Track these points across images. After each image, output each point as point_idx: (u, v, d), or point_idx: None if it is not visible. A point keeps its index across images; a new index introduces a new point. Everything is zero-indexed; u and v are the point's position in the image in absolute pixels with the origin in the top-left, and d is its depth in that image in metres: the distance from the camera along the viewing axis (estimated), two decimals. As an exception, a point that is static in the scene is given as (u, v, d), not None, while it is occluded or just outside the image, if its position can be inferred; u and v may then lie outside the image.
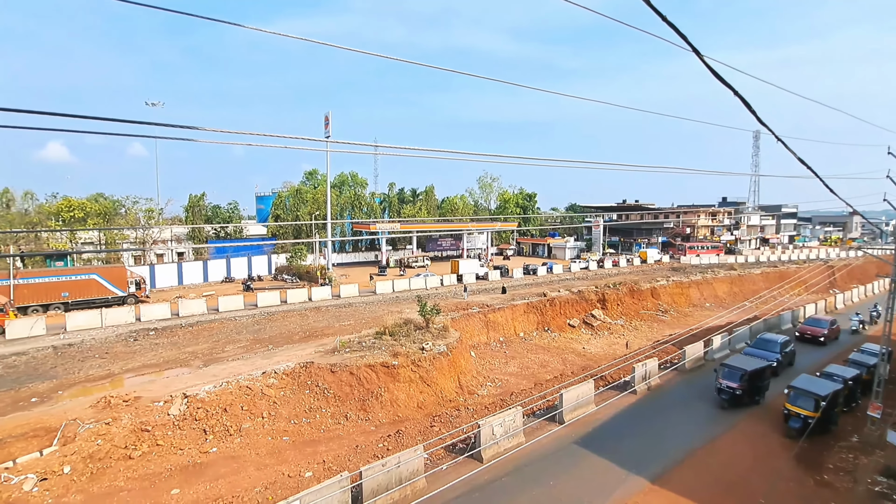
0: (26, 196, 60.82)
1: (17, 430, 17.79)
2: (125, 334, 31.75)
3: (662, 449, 17.61)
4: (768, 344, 27.17)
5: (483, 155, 16.39)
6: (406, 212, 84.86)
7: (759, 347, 27.06)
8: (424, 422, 20.88)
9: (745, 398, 21.05)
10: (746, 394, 20.99)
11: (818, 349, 31.72)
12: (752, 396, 21.42)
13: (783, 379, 24.11)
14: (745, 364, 21.74)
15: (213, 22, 7.01)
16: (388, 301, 43.69)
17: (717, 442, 18.33)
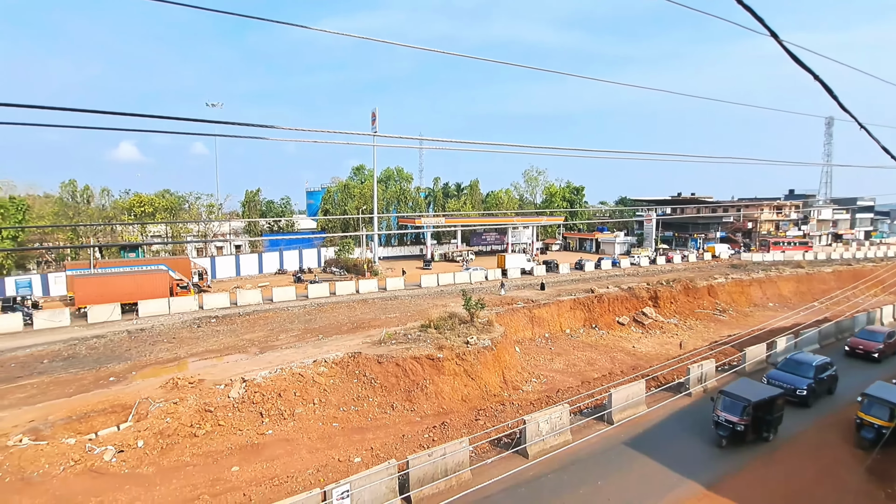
0: (103, 192, 66.20)
1: (99, 405, 19.56)
2: (189, 321, 33.98)
3: (718, 455, 16.76)
4: (800, 367, 22.01)
5: (528, 147, 16.11)
6: (450, 206, 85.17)
7: (787, 370, 22.08)
8: (469, 415, 20.99)
9: (749, 435, 17.18)
10: (750, 429, 17.13)
11: (871, 367, 25.96)
12: (759, 433, 17.62)
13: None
14: (749, 392, 17.66)
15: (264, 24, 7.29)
16: (432, 295, 44.12)
17: (776, 452, 17.20)
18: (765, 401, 17.35)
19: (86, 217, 59.22)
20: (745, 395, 17.36)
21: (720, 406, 17.62)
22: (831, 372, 22.45)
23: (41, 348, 28.00)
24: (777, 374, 22.08)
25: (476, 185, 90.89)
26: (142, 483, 15.60)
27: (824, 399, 21.61)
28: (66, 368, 25.78)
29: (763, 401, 17.31)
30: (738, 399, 17.26)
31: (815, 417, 19.97)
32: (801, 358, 22.74)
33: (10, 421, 18.25)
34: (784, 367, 22.47)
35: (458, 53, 9.00)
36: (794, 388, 20.69)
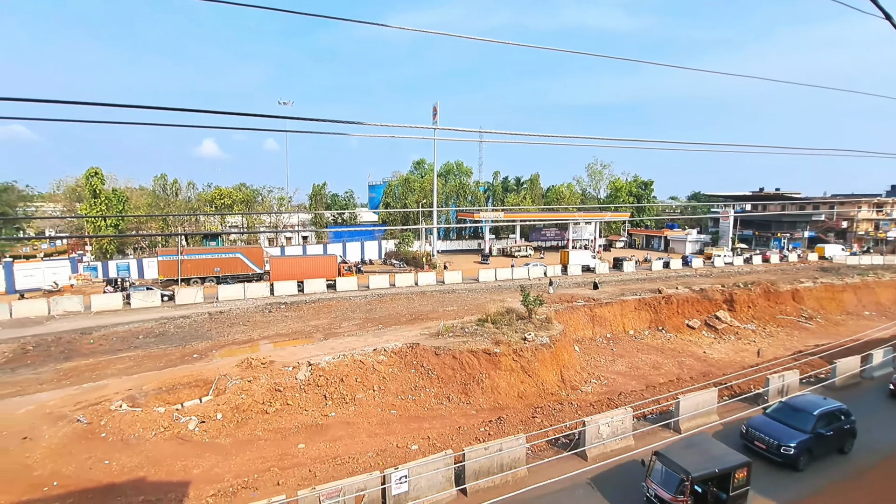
0: (189, 186, 72.32)
1: (184, 379, 21.51)
2: (262, 306, 36.36)
3: (796, 473, 15.34)
4: (796, 415, 16.32)
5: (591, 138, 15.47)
6: (510, 200, 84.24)
7: (778, 418, 16.55)
8: (525, 412, 20.77)
9: None
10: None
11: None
12: None
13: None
14: (697, 457, 12.79)
15: (332, 24, 7.53)
16: (489, 289, 43.97)
17: (866, 474, 15.41)
18: (716, 474, 12.35)
19: (174, 208, 65.08)
20: (688, 462, 12.48)
21: (652, 473, 13.05)
22: (845, 424, 16.43)
23: (136, 325, 31.23)
24: (762, 422, 16.58)
25: (536, 180, 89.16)
26: (220, 452, 16.99)
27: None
28: (157, 344, 28.60)
29: (712, 474, 12.30)
30: (676, 468, 12.35)
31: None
32: (800, 403, 17.07)
33: (112, 388, 20.56)
34: (775, 414, 16.90)
35: (520, 44, 8.83)
36: (777, 445, 15.42)
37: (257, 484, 15.01)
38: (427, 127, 9.30)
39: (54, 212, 68.78)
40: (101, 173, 55.46)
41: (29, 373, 24.08)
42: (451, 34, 8.27)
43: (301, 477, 15.41)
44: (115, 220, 54.50)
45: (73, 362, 25.72)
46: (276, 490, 14.34)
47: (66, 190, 67.71)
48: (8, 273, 42.36)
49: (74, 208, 63.33)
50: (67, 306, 34.45)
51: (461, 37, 8.45)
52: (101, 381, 22.05)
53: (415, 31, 8.29)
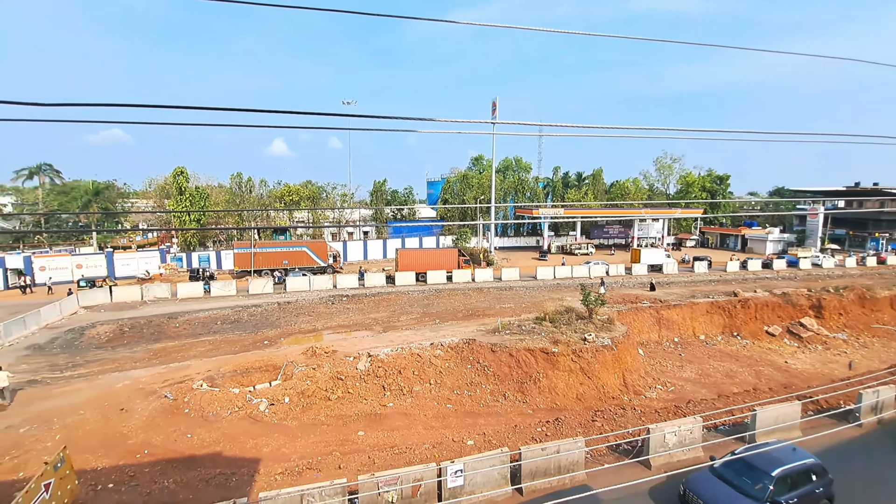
0: (261, 183, 77.24)
1: (256, 363, 23.01)
2: (325, 298, 38.06)
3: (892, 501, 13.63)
4: (751, 475, 12.49)
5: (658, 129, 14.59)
6: (570, 196, 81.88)
7: (729, 478, 12.64)
8: (585, 415, 20.14)
9: None
10: None
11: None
12: None
13: None
14: None
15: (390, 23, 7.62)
16: (548, 287, 43.05)
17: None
18: None
19: (248, 204, 69.73)
20: None
21: None
22: (817, 487, 12.57)
23: (215, 312, 33.84)
24: (704, 482, 12.77)
25: (599, 175, 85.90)
26: (286, 433, 18.02)
27: None
28: (232, 330, 30.85)
29: None
30: None
31: None
32: (757, 458, 12.94)
33: (194, 369, 22.44)
34: (724, 471, 12.97)
35: (585, 33, 8.48)
36: None
37: (320, 466, 15.75)
38: (486, 121, 9.23)
39: (146, 207, 76.13)
40: (185, 172, 60.58)
41: (126, 351, 26.91)
42: (511, 26, 8.12)
43: (361, 463, 15.97)
44: (197, 214, 59.34)
45: (161, 343, 28.42)
46: (338, 473, 14.96)
47: (156, 187, 74.66)
48: (109, 262, 47.57)
49: (163, 204, 69.70)
50: (157, 293, 38.05)
51: (522, 28, 8.28)
52: (185, 361, 24.16)
53: (476, 26, 8.23)
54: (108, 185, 72.60)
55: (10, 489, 13.11)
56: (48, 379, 22.01)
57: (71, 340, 28.08)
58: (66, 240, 66.75)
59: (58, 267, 45.17)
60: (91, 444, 16.01)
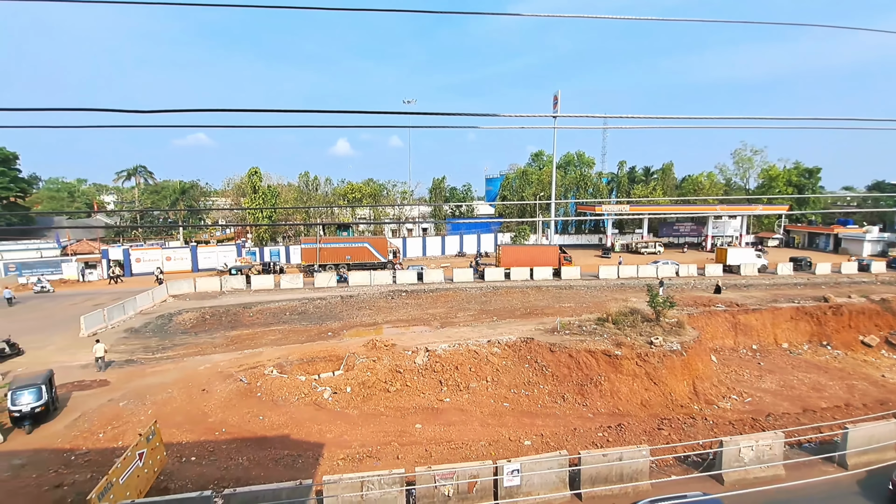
0: (326, 181, 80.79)
1: (321, 353, 24.14)
2: (385, 293, 39.11)
3: None
4: None
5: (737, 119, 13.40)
6: (637, 192, 77.91)
7: None
8: (650, 422, 19.18)
9: None
10: None
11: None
12: None
13: None
14: None
15: (452, 20, 7.57)
16: (611, 287, 41.37)
17: None
18: None
19: (314, 201, 73.24)
20: None
21: None
22: None
23: (284, 303, 35.90)
24: None
25: (669, 169, 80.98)
26: (348, 421, 18.76)
27: None
28: (299, 321, 32.58)
29: None
30: None
31: None
32: None
33: (266, 356, 23.96)
34: None
35: (651, 18, 7.97)
36: None
37: (379, 455, 16.24)
38: (546, 115, 8.97)
39: (225, 205, 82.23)
40: (259, 172, 64.71)
41: (207, 337, 29.30)
42: (575, 16, 7.82)
43: (418, 455, 16.27)
44: (268, 211, 63.21)
45: (237, 331, 30.63)
46: (396, 463, 15.36)
47: (233, 186, 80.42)
48: (194, 255, 52.03)
49: (239, 202, 74.95)
50: (234, 284, 41.02)
51: (586, 17, 7.95)
52: (258, 348, 25.88)
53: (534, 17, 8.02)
54: (192, 185, 79.46)
55: (111, 455, 14.75)
56: (142, 359, 24.49)
57: (161, 325, 31.02)
58: (157, 234, 73.81)
59: (150, 259, 50.07)
60: (177, 420, 17.61)
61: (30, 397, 16.60)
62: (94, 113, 6.98)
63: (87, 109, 6.98)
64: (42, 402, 16.78)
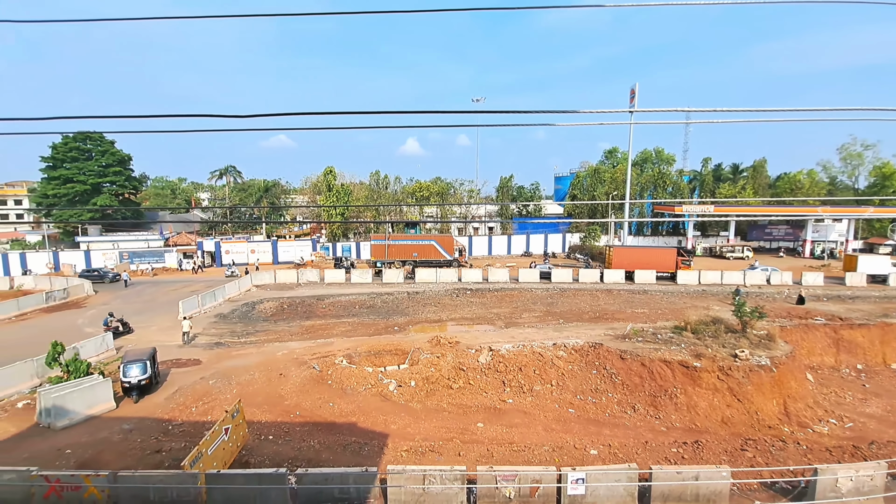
0: (396, 180, 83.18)
1: (387, 346, 24.92)
2: (450, 291, 39.50)
3: None
4: None
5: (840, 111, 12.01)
6: (723, 191, 71.92)
7: None
8: (731, 442, 17.70)
9: None
10: None
11: None
12: None
13: None
14: None
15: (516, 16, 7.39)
16: (690, 294, 38.63)
17: None
18: None
19: (384, 199, 75.70)
20: None
21: None
22: None
23: (354, 297, 37.50)
24: None
25: (761, 166, 73.87)
26: (412, 414, 19.20)
27: None
28: (367, 315, 33.85)
29: None
30: None
31: None
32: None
33: (336, 346, 25.20)
34: None
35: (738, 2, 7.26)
36: None
37: (441, 450, 16.45)
38: (621, 111, 8.53)
39: (302, 202, 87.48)
40: (334, 171, 68.10)
41: (284, 325, 31.37)
42: (653, 4, 7.35)
43: (479, 454, 16.27)
44: (341, 209, 66.36)
45: (311, 321, 32.49)
46: (458, 460, 15.47)
47: (310, 185, 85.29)
48: (274, 249, 55.96)
49: (315, 199, 79.34)
50: (309, 277, 43.56)
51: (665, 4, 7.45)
52: (329, 339, 27.28)
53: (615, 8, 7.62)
54: (274, 183, 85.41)
55: (201, 428, 16.28)
56: (229, 342, 26.77)
57: (245, 313, 33.71)
58: (244, 229, 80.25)
59: (238, 251, 54.59)
60: (257, 400, 19.04)
61: (137, 370, 18.78)
62: (195, 119, 7.70)
63: (189, 115, 7.72)
64: (147, 375, 18.93)
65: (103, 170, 63.40)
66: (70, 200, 61.31)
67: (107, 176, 63.69)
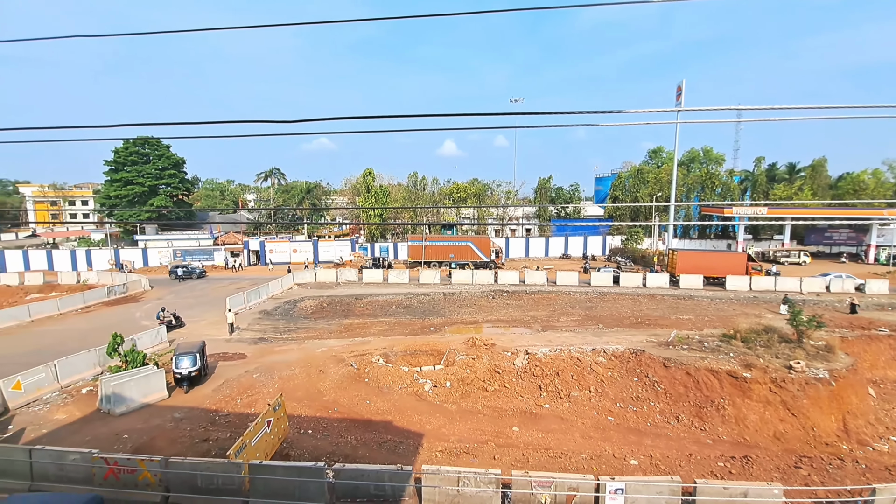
0: (433, 181, 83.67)
1: (423, 347, 25.10)
2: (486, 292, 39.31)
3: None
4: None
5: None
6: (777, 193, 67.92)
7: None
8: (784, 458, 16.67)
9: None
10: None
11: None
12: None
13: None
14: None
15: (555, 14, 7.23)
16: (741, 300, 36.69)
17: None
18: None
19: (421, 200, 76.35)
20: None
21: None
22: None
23: (391, 297, 38.00)
24: None
25: (820, 165, 69.23)
26: (446, 415, 19.23)
27: None
28: (404, 314, 34.20)
29: None
30: None
31: None
32: None
33: (373, 345, 25.62)
34: None
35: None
36: None
37: (476, 452, 16.38)
38: (668, 110, 8.22)
39: (342, 203, 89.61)
40: (373, 173, 69.29)
41: (324, 323, 32.20)
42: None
43: (514, 458, 16.08)
44: (379, 210, 67.48)
45: (349, 320, 33.18)
46: (492, 463, 15.36)
47: (350, 186, 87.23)
48: (315, 248, 57.57)
49: (354, 200, 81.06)
50: (348, 276, 44.53)
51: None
52: (367, 337, 27.77)
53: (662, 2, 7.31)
54: (315, 185, 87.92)
55: (245, 419, 16.97)
56: (272, 338, 27.77)
57: (287, 310, 34.86)
58: (286, 229, 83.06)
59: (280, 251, 56.56)
60: (298, 395, 19.64)
61: (188, 363, 19.80)
62: (244, 125, 8.05)
63: (238, 122, 8.08)
64: (197, 367, 19.92)
65: (159, 172, 67.40)
66: (130, 201, 65.54)
67: (162, 178, 67.68)
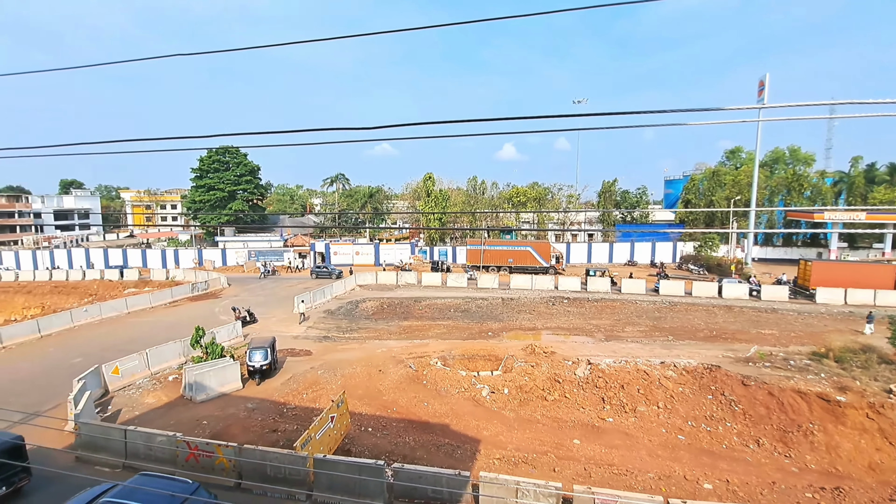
0: (493, 185, 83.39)
1: (480, 351, 24.96)
2: (546, 298, 38.41)
3: None
4: None
5: None
6: (876, 196, 60.61)
7: None
8: (881, 491, 14.79)
9: None
10: None
11: None
12: None
13: None
14: None
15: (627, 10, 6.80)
16: (833, 315, 33.05)
17: None
18: None
19: (481, 205, 76.28)
20: None
21: None
22: None
23: (449, 300, 38.20)
24: None
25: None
26: (504, 422, 18.93)
27: None
28: (462, 318, 34.25)
29: None
30: None
31: None
32: None
33: (431, 347, 25.85)
34: None
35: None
36: None
37: (535, 463, 15.95)
38: (748, 107, 7.54)
39: (403, 207, 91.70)
40: (433, 177, 70.29)
41: (384, 324, 33.00)
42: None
43: (575, 472, 15.48)
44: (439, 214, 68.26)
45: (408, 322, 33.75)
46: (552, 476, 14.87)
47: (411, 191, 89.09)
48: (376, 251, 59.31)
49: (415, 205, 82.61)
50: (408, 279, 45.36)
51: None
52: (425, 340, 28.08)
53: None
54: (378, 190, 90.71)
55: (310, 413, 17.73)
56: (335, 337, 28.88)
57: (350, 310, 36.13)
58: (350, 232, 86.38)
59: (344, 253, 58.85)
60: (358, 393, 20.23)
61: (260, 356, 21.08)
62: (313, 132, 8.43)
63: (308, 130, 8.47)
64: (268, 361, 21.15)
65: (238, 179, 72.79)
66: (212, 205, 71.32)
67: (240, 184, 73.03)
